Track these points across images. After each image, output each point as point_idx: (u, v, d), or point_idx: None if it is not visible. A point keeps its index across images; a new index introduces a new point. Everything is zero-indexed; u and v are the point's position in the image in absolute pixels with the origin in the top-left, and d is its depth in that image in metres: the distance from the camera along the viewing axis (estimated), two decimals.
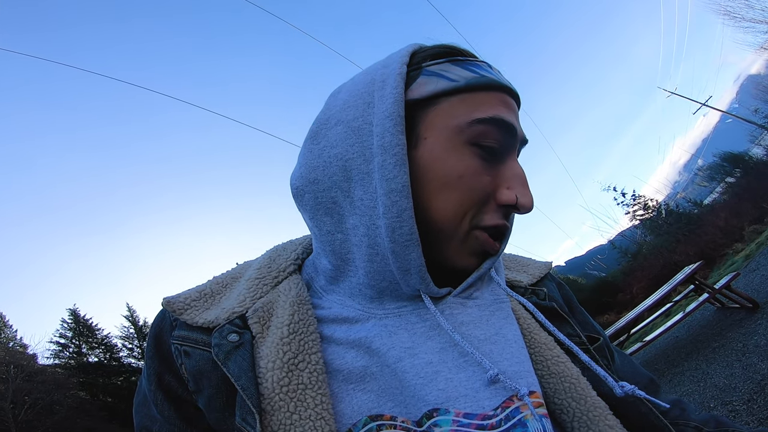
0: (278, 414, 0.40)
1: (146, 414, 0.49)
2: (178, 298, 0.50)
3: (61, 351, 16.91)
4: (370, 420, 0.41)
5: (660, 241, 16.91)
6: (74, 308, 18.48)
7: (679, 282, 5.33)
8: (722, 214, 13.63)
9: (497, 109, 0.47)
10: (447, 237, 0.47)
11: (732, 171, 19.91)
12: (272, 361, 0.43)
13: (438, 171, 0.46)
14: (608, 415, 0.45)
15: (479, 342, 0.46)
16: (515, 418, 0.40)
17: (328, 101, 0.54)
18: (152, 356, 0.50)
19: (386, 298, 0.49)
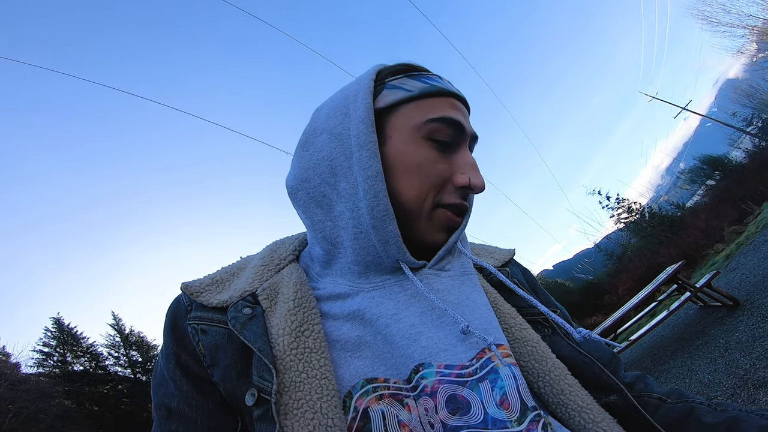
0: (289, 372, 0.47)
1: (164, 392, 0.54)
2: (194, 283, 0.59)
3: (45, 360, 16.46)
4: (367, 383, 0.48)
5: (644, 243, 17.18)
6: (58, 317, 18.10)
7: (662, 282, 5.43)
8: (703, 216, 13.89)
9: (446, 110, 0.59)
10: (415, 215, 0.57)
11: (712, 174, 20.37)
12: (282, 328, 0.50)
13: (402, 162, 0.56)
14: (567, 375, 0.53)
15: (453, 305, 0.54)
16: (488, 366, 0.48)
17: (313, 116, 0.66)
18: (169, 338, 0.56)
19: (371, 272, 0.58)
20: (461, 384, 0.47)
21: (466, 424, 0.45)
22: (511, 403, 0.46)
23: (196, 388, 0.52)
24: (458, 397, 0.46)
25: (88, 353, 17.42)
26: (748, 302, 4.73)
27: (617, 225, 22.74)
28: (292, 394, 0.45)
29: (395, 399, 0.47)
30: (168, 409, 0.52)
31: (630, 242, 19.98)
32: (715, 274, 5.27)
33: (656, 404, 0.60)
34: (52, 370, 16.18)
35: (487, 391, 0.47)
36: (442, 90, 0.60)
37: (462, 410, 0.46)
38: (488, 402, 0.46)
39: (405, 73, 0.62)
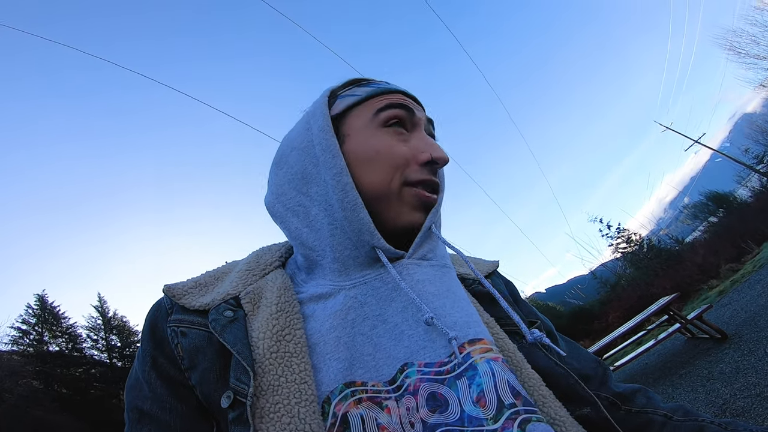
0: (268, 376, 0.46)
1: (137, 395, 0.53)
2: (177, 285, 0.59)
3: (21, 338, 16.17)
4: (345, 387, 0.47)
5: (639, 274, 17.11)
6: (42, 294, 17.84)
7: (654, 312, 5.64)
8: (701, 252, 13.88)
9: (392, 99, 0.63)
10: (385, 199, 0.58)
11: (716, 210, 20.33)
12: (263, 332, 0.50)
13: (362, 153, 0.60)
14: (541, 385, 0.52)
15: (433, 297, 0.54)
16: (467, 362, 0.48)
17: (283, 140, 0.70)
18: (147, 340, 0.56)
19: (351, 268, 0.57)
20: (440, 382, 0.47)
21: (444, 421, 0.44)
22: (488, 400, 0.45)
23: (170, 392, 0.51)
24: (437, 395, 0.46)
25: (67, 334, 17.12)
26: (736, 336, 4.80)
27: (615, 254, 22.60)
28: (270, 398, 0.45)
29: (374, 402, 0.47)
30: (140, 412, 0.51)
31: (625, 272, 19.84)
32: (708, 307, 5.39)
33: (662, 422, 0.58)
34: (26, 349, 15.86)
35: (464, 389, 0.46)
36: (387, 89, 0.65)
37: (441, 408, 0.45)
38: (465, 399, 0.45)
39: (354, 84, 0.69)
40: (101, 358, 17.22)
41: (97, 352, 17.33)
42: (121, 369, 16.72)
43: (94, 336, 17.65)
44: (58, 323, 17.25)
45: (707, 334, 5.28)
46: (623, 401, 0.63)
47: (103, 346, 17.47)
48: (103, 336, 17.75)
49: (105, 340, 17.61)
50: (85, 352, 17.13)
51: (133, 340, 18.15)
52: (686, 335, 5.93)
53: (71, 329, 17.33)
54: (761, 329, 4.50)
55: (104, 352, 17.35)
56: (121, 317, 18.77)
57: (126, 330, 18.34)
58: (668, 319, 5.94)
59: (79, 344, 17.15)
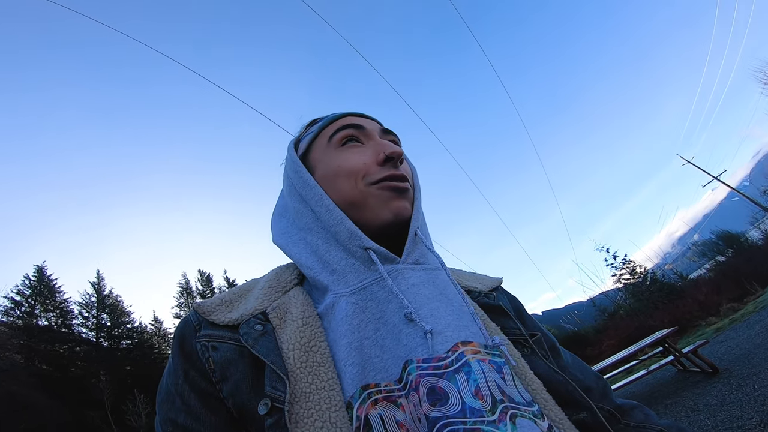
0: (300, 384, 0.49)
1: (170, 407, 0.55)
2: (205, 303, 0.62)
3: (13, 308, 16.14)
4: (363, 390, 0.49)
5: (638, 305, 16.83)
6: (42, 265, 17.89)
7: (649, 344, 5.71)
8: (704, 289, 13.65)
9: (342, 122, 0.73)
10: (359, 203, 0.65)
11: (724, 250, 19.92)
12: (292, 343, 0.54)
13: (328, 174, 0.69)
14: (543, 390, 0.54)
15: (427, 299, 0.57)
16: (463, 359, 0.50)
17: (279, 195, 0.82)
18: (178, 355, 0.58)
19: (348, 275, 0.61)
20: (439, 376, 0.48)
21: (445, 414, 0.45)
22: (484, 394, 0.47)
23: (203, 404, 0.53)
24: (437, 388, 0.47)
25: (59, 309, 17.12)
26: (727, 371, 4.80)
27: (617, 284, 22.25)
28: (303, 404, 0.48)
29: (389, 401, 0.48)
30: (174, 424, 0.53)
31: (625, 302, 19.50)
32: (704, 342, 5.46)
33: None
34: (14, 321, 15.78)
35: (463, 382, 0.48)
36: (336, 116, 0.75)
37: (441, 401, 0.46)
38: (465, 392, 0.47)
39: (310, 125, 0.81)
40: (88, 336, 17.17)
41: (86, 330, 17.31)
42: (106, 349, 16.59)
43: (86, 313, 17.67)
44: (52, 297, 17.23)
45: (699, 368, 5.30)
46: (622, 414, 0.67)
47: (93, 324, 17.44)
48: (94, 314, 17.74)
49: (96, 318, 17.60)
50: (74, 329, 17.11)
51: (123, 321, 18.10)
52: (678, 368, 5.98)
53: (64, 304, 17.37)
54: (753, 366, 4.47)
55: (93, 330, 17.30)
56: (116, 296, 18.79)
57: (119, 309, 18.26)
58: (662, 351, 6.07)
59: (69, 320, 17.14)
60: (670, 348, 5.63)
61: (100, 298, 18.39)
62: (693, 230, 61.39)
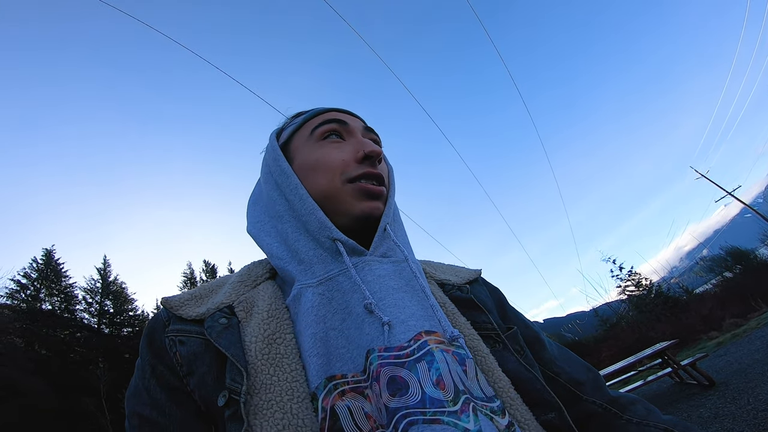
0: (260, 375, 0.50)
1: (137, 402, 0.55)
2: (173, 297, 0.63)
3: (18, 292, 16.33)
4: (328, 381, 0.49)
5: (640, 317, 16.66)
6: (51, 249, 18.05)
7: (648, 355, 5.69)
8: (709, 304, 13.53)
9: (326, 116, 0.73)
10: (333, 198, 0.66)
11: (732, 266, 19.67)
12: (255, 336, 0.54)
13: (306, 165, 0.69)
14: (510, 388, 0.54)
15: (392, 290, 0.58)
16: (425, 348, 0.50)
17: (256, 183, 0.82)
18: (146, 351, 0.59)
19: (315, 265, 0.62)
20: (400, 365, 0.48)
21: (404, 404, 0.45)
22: (447, 384, 0.46)
23: (169, 398, 0.53)
24: (397, 378, 0.47)
25: (63, 293, 17.27)
26: (723, 385, 4.76)
27: (621, 295, 22.03)
28: (263, 395, 0.48)
29: (357, 392, 0.48)
30: (140, 417, 0.53)
31: (627, 314, 19.31)
32: (703, 356, 5.45)
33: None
34: (19, 305, 15.99)
35: (424, 371, 0.47)
36: (320, 110, 0.76)
37: (401, 391, 0.46)
38: (425, 381, 0.46)
39: (294, 117, 0.82)
40: (90, 322, 17.27)
41: (88, 316, 17.39)
42: (107, 336, 16.62)
43: (90, 299, 17.76)
44: (58, 281, 17.39)
45: (695, 380, 5.26)
46: (622, 410, 0.64)
47: (95, 310, 17.52)
48: (98, 300, 17.82)
49: (99, 304, 17.68)
50: (77, 314, 17.23)
51: (126, 308, 18.16)
52: (675, 380, 5.94)
53: (69, 289, 17.49)
54: (750, 380, 4.44)
55: (95, 317, 17.39)
56: (120, 283, 18.84)
57: (122, 296, 18.35)
58: (661, 363, 6.02)
59: (73, 305, 17.26)
60: (668, 360, 5.59)
61: (105, 285, 18.49)
62: (702, 245, 60.24)
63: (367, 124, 0.79)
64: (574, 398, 0.65)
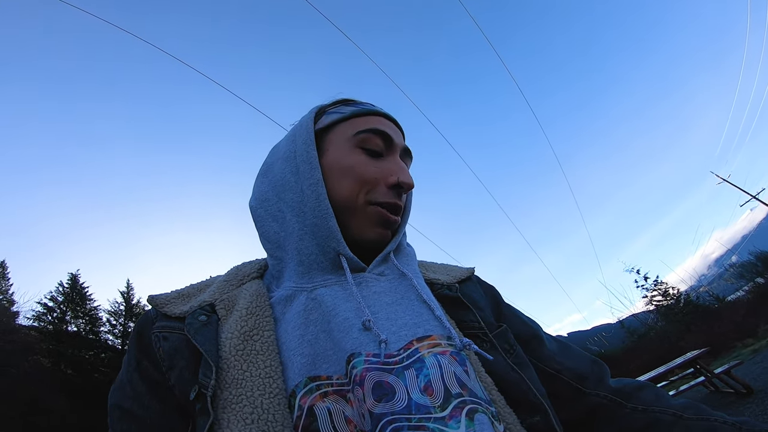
0: (233, 371, 0.50)
1: (120, 395, 0.56)
2: (160, 296, 0.64)
3: (45, 314, 16.76)
4: (310, 381, 0.49)
5: (670, 328, 16.06)
6: (76, 273, 18.57)
7: (679, 364, 5.49)
8: (741, 311, 13.02)
9: (373, 124, 0.69)
10: (350, 211, 0.65)
11: (764, 271, 18.90)
12: (231, 332, 0.54)
13: (336, 167, 0.66)
14: (493, 389, 0.52)
15: (387, 305, 0.57)
16: (415, 356, 0.49)
17: (271, 150, 0.77)
18: (134, 346, 0.60)
19: (314, 272, 0.62)
20: (387, 371, 0.48)
21: (390, 410, 0.44)
22: (435, 389, 0.46)
23: (150, 392, 0.54)
24: (384, 383, 0.47)
25: (88, 315, 17.66)
26: (762, 392, 4.59)
27: (648, 306, 21.28)
28: (233, 390, 0.48)
29: (339, 395, 0.48)
30: (121, 410, 0.55)
31: (657, 324, 18.62)
32: (738, 363, 5.27)
33: (671, 421, 0.58)
34: (45, 326, 16.39)
35: (411, 378, 0.47)
36: (371, 110, 0.71)
37: (387, 396, 0.45)
38: (412, 388, 0.46)
39: (341, 103, 0.75)
40: (115, 343, 17.55)
41: (112, 337, 17.72)
42: None
43: (114, 321, 18.11)
44: (83, 304, 17.81)
45: (732, 389, 5.05)
46: (627, 398, 0.62)
47: (119, 331, 17.85)
48: (122, 322, 18.17)
49: (123, 326, 18.00)
50: (101, 336, 17.57)
51: None
52: (710, 389, 5.70)
53: (93, 311, 17.88)
54: None
55: (119, 338, 17.70)
56: (143, 306, 19.16)
57: None
58: (693, 373, 5.80)
59: (98, 327, 17.62)
60: (701, 369, 5.39)
61: (128, 307, 18.86)
62: (731, 251, 58.07)
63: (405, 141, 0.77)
64: (577, 394, 0.64)
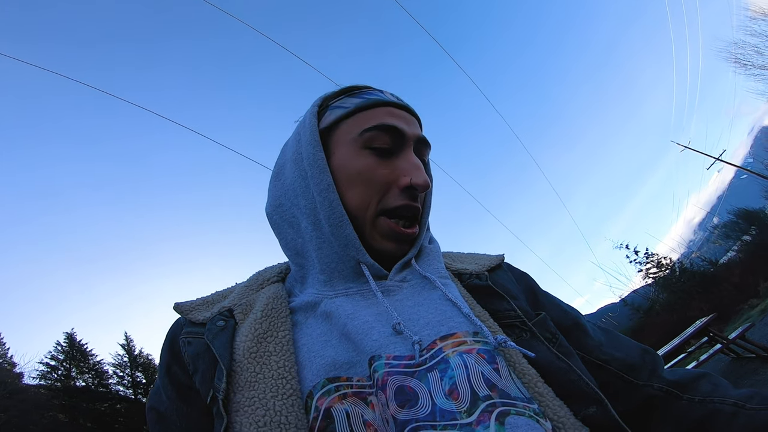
0: (245, 373, 0.50)
1: (156, 398, 0.59)
2: (185, 303, 0.65)
3: (49, 373, 16.35)
4: (329, 382, 0.48)
5: (673, 298, 16.31)
6: (71, 332, 18.19)
7: (691, 334, 5.44)
8: (737, 271, 13.29)
9: (382, 118, 0.63)
10: (361, 222, 0.62)
11: (748, 229, 19.45)
12: (245, 335, 0.55)
13: (345, 172, 0.62)
14: (538, 381, 0.49)
15: (409, 308, 0.56)
16: (439, 357, 0.47)
17: (282, 149, 0.73)
18: (166, 351, 0.62)
19: (336, 280, 0.62)
20: (409, 374, 0.46)
21: (414, 417, 0.42)
22: (461, 393, 0.43)
23: (179, 395, 0.56)
24: (406, 388, 0.45)
25: (94, 370, 17.29)
26: None
27: (646, 280, 21.60)
28: (246, 393, 0.48)
29: (359, 398, 0.47)
30: (156, 412, 0.58)
31: (659, 297, 18.91)
32: (750, 326, 5.23)
33: (731, 411, 0.53)
34: (53, 384, 16.04)
35: (435, 381, 0.45)
36: (377, 101, 0.65)
37: (410, 402, 0.43)
38: (436, 392, 0.44)
39: (345, 93, 0.69)
40: (126, 394, 17.19)
41: (123, 388, 17.38)
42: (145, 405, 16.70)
43: (120, 372, 17.77)
44: (86, 360, 17.43)
45: (753, 353, 5.05)
46: (683, 389, 0.58)
47: (128, 382, 17.52)
48: (129, 373, 17.82)
49: (131, 377, 17.67)
50: (111, 387, 17.21)
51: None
52: (730, 355, 5.67)
53: (98, 366, 17.50)
54: None
55: (129, 389, 17.35)
56: (146, 355, 18.89)
57: (152, 367, 18.37)
58: (708, 341, 5.77)
59: (106, 380, 17.25)
60: (715, 336, 5.37)
61: (132, 358, 18.49)
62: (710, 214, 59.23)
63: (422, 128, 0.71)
64: (629, 386, 0.60)
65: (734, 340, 5.03)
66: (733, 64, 18.78)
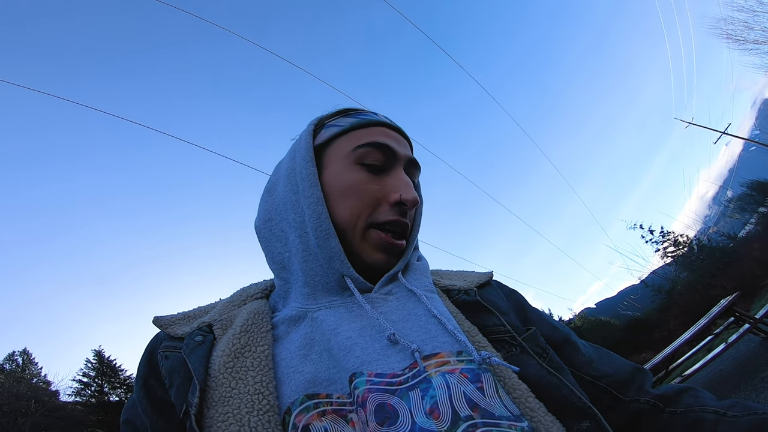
0: (220, 388, 0.48)
1: (132, 412, 0.59)
2: (165, 317, 0.65)
3: (83, 389, 16.90)
4: (307, 398, 0.48)
5: (695, 277, 16.07)
6: (99, 349, 18.68)
7: (717, 314, 5.26)
8: (757, 245, 13.07)
9: (375, 137, 0.67)
10: (351, 235, 0.63)
11: (762, 200, 19.04)
12: (222, 350, 0.53)
13: (336, 186, 0.64)
14: (529, 396, 0.48)
15: (394, 323, 0.56)
16: (421, 375, 0.47)
17: (275, 167, 0.76)
18: (143, 365, 0.61)
19: (319, 293, 0.62)
20: (390, 392, 0.46)
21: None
22: (442, 412, 0.43)
23: (154, 408, 0.56)
24: (386, 405, 0.45)
25: (125, 385, 17.79)
26: None
27: (664, 259, 21.25)
28: (219, 408, 0.46)
29: (339, 415, 0.46)
30: (131, 425, 0.58)
31: (680, 277, 18.63)
32: None
33: (713, 419, 0.55)
34: (88, 400, 16.56)
35: (416, 400, 0.45)
36: (371, 121, 0.69)
37: (390, 420, 0.43)
38: (417, 410, 0.44)
39: (341, 114, 0.73)
40: None
41: None
42: None
43: None
44: (116, 375, 17.95)
45: None
46: (665, 403, 0.60)
47: None
48: None
49: None
50: None
51: None
52: (759, 335, 5.50)
53: (128, 380, 17.97)
54: None
55: None
56: None
57: None
58: (735, 321, 5.59)
59: None
60: (741, 316, 5.20)
61: None
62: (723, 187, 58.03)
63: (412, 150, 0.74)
64: (616, 402, 0.62)
65: (762, 319, 4.90)
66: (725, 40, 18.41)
